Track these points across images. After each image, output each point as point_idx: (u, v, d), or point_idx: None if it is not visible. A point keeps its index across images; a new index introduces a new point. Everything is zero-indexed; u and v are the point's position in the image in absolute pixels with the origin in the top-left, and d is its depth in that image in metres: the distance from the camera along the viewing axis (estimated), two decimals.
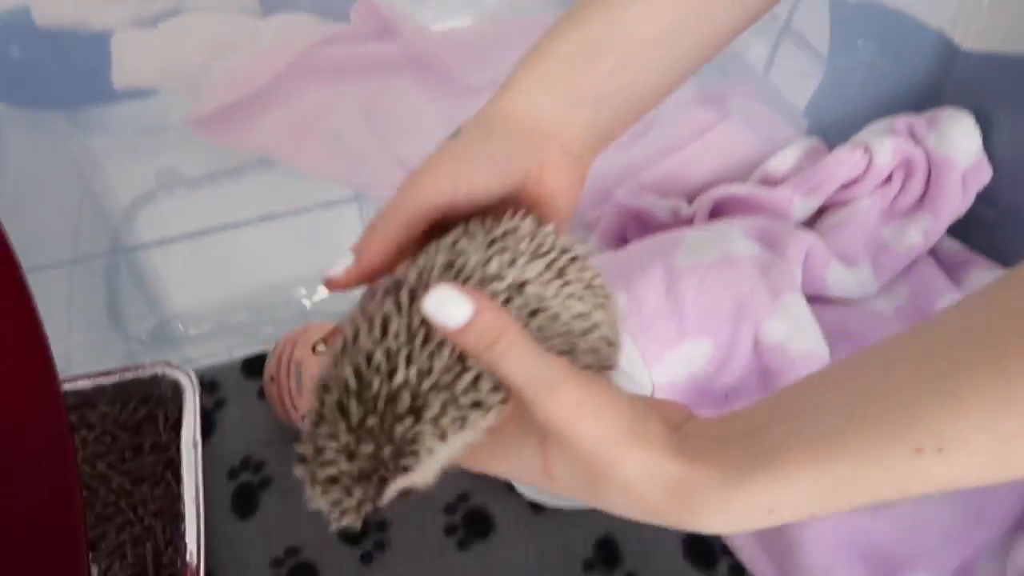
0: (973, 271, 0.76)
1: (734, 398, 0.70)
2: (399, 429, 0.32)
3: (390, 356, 0.33)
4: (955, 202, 0.74)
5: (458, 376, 0.33)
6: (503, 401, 0.34)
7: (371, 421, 0.32)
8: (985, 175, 0.74)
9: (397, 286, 0.34)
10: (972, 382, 0.28)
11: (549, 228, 0.37)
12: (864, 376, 0.32)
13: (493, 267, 0.35)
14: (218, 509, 0.66)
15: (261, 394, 0.74)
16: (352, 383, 0.33)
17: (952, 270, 0.77)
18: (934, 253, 0.78)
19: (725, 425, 0.34)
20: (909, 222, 0.76)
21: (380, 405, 0.32)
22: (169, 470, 0.67)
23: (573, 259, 0.37)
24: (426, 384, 0.33)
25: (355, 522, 0.34)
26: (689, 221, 0.78)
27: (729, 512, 0.32)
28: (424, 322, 0.33)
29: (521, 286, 0.35)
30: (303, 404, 0.64)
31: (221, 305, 0.83)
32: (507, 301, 0.34)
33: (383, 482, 0.33)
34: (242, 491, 0.67)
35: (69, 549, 0.54)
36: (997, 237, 0.77)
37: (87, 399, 0.69)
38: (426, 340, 0.33)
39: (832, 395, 0.32)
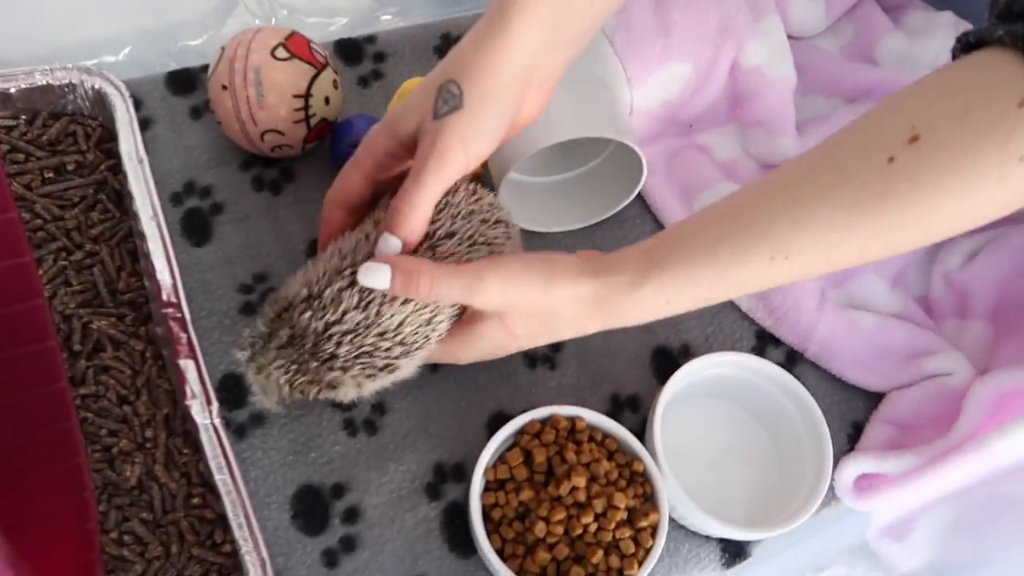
0: (911, 12, 0.79)
1: (698, 128, 0.71)
2: (328, 374, 0.46)
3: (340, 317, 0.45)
4: None
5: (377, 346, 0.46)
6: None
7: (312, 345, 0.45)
8: None
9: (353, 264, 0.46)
10: (809, 210, 0.40)
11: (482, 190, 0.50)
12: (735, 205, 0.43)
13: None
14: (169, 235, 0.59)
15: (194, 113, 0.65)
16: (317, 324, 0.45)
17: (892, 12, 0.79)
18: None
19: (623, 251, 0.46)
20: None
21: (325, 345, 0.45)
22: (103, 192, 0.59)
23: (491, 203, 0.50)
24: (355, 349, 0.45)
25: (275, 407, 0.47)
26: None
27: (637, 307, 0.45)
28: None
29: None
30: (263, 117, 0.57)
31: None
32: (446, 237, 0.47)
33: (303, 393, 0.47)
34: (192, 216, 0.61)
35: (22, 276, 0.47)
36: None
37: None
38: (366, 307, 0.45)
39: (707, 220, 0.44)
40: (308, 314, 0.45)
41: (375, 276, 0.43)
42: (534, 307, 0.46)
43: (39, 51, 0.68)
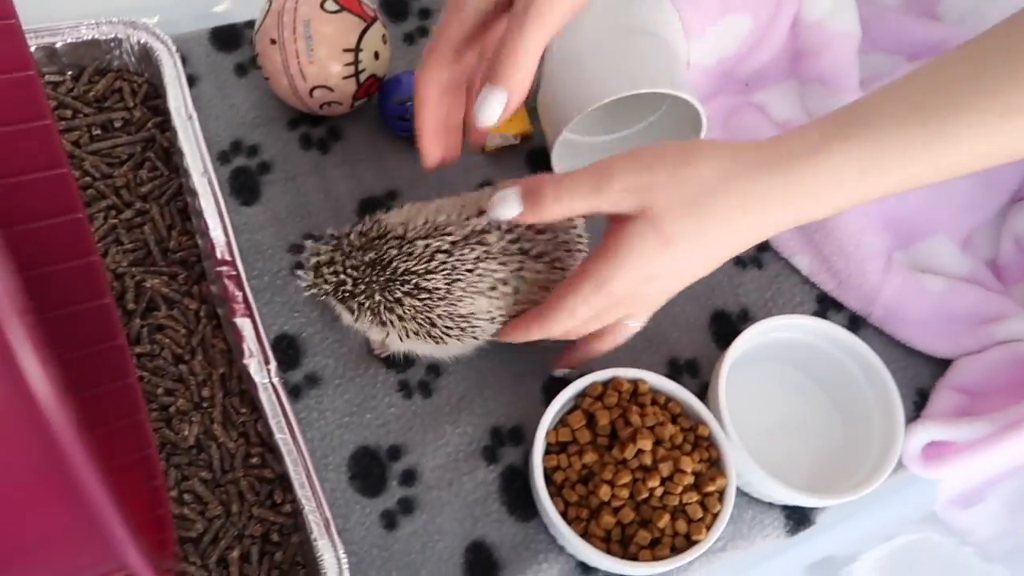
0: None
1: (754, 86, 0.68)
2: (384, 312, 0.46)
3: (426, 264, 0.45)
4: None
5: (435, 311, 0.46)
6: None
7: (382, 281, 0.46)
8: None
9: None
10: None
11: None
12: (936, 66, 0.38)
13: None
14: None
15: (239, 70, 0.63)
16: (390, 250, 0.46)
17: None
18: None
19: (803, 126, 0.39)
20: None
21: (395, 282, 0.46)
22: (150, 150, 0.57)
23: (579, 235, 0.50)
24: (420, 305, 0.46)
25: (306, 293, 0.49)
26: None
27: (822, 176, 0.36)
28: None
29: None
30: (313, 72, 0.56)
31: None
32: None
33: (347, 307, 0.48)
34: (240, 175, 0.60)
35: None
36: None
37: None
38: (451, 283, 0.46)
39: (905, 84, 0.37)
40: (395, 252, 0.45)
41: (504, 206, 0.41)
42: (679, 183, 0.38)
43: (66, 12, 0.66)
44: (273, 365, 0.48)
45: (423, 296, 0.45)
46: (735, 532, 0.51)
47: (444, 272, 0.45)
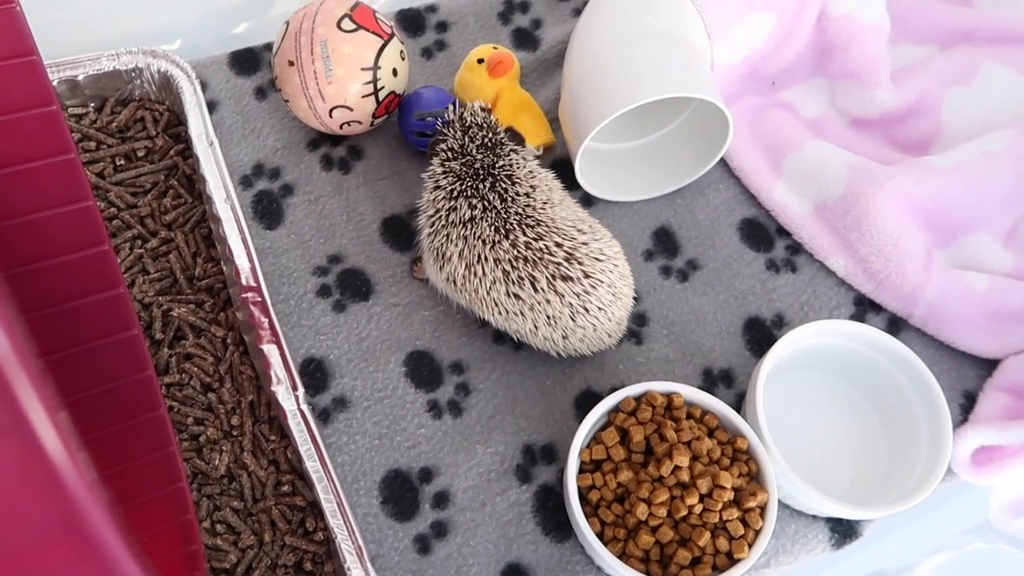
0: None
1: (781, 85, 0.67)
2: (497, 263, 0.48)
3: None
4: None
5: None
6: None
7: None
8: None
9: None
10: None
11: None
12: None
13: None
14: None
15: (259, 93, 0.63)
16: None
17: None
18: None
19: None
20: None
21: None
22: (174, 178, 0.58)
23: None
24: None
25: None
26: None
27: None
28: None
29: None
30: (332, 92, 0.55)
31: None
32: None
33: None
34: (263, 199, 0.59)
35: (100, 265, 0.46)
36: None
37: None
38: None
39: None
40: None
41: None
42: None
43: (88, 43, 0.67)
44: (301, 391, 0.47)
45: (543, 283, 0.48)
46: (778, 547, 0.50)
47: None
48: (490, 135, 0.50)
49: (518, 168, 0.50)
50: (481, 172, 0.49)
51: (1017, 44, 0.66)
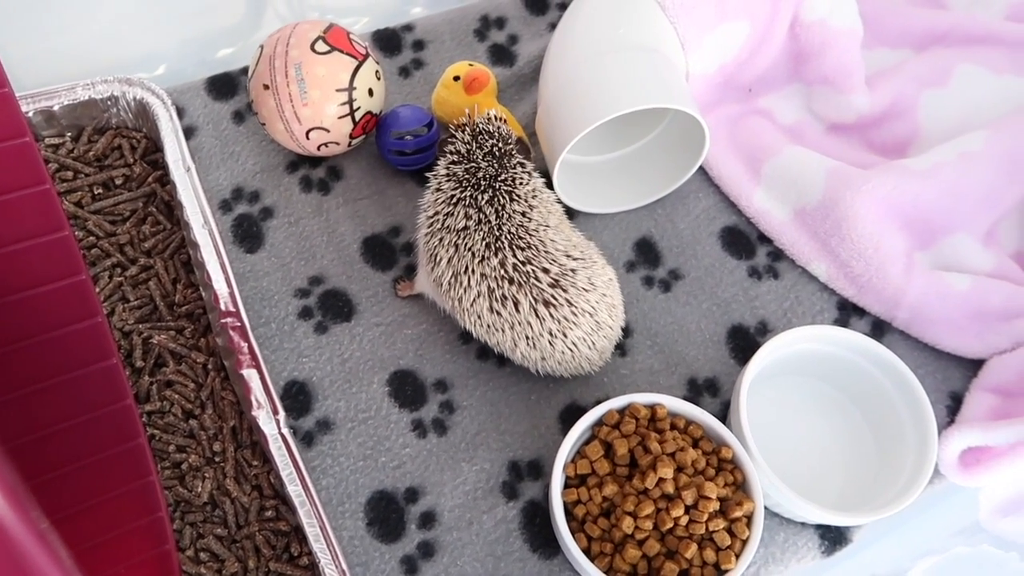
0: None
1: (757, 92, 0.67)
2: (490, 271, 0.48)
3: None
4: None
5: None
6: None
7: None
8: None
9: None
10: None
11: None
12: None
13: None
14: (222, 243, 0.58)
15: (237, 117, 0.64)
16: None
17: None
18: None
19: None
20: None
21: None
22: (152, 205, 0.58)
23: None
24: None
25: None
26: None
27: None
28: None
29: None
30: (307, 114, 0.55)
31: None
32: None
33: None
34: (243, 223, 0.59)
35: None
36: None
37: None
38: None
39: None
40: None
41: None
42: None
43: (73, 72, 0.67)
44: (282, 415, 0.47)
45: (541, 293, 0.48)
46: (768, 556, 0.49)
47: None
48: (500, 145, 0.50)
49: (521, 184, 0.49)
50: (483, 182, 0.49)
51: (991, 44, 0.67)
